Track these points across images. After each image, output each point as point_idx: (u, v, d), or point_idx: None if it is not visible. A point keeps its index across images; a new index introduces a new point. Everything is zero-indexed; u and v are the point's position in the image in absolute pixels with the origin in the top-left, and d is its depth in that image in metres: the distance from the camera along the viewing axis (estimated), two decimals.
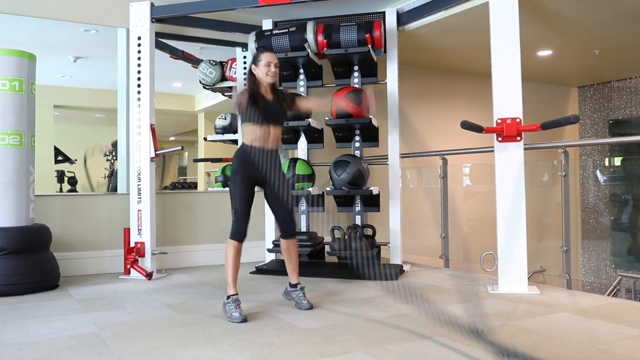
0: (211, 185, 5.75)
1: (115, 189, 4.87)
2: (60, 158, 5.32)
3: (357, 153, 4.64)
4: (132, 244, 4.32)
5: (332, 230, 4.44)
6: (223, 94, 5.30)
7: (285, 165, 4.44)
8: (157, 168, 4.56)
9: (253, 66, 3.11)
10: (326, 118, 4.47)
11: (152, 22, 4.42)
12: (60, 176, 5.27)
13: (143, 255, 4.31)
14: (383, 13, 4.73)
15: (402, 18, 4.78)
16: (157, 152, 4.35)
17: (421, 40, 5.39)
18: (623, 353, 2.27)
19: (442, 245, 4.93)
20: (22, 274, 3.68)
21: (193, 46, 5.21)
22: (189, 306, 3.28)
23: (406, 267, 4.50)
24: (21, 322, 2.91)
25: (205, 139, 5.53)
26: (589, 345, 2.39)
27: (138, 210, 4.35)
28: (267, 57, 3.09)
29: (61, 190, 5.28)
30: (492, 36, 3.63)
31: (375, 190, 4.47)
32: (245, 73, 5.15)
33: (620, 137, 8.21)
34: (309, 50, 4.47)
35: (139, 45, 4.39)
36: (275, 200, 3.19)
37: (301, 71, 4.76)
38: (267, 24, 4.97)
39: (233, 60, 5.23)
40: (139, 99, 4.38)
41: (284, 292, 3.32)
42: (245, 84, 3.24)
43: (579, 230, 6.92)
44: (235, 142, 5.30)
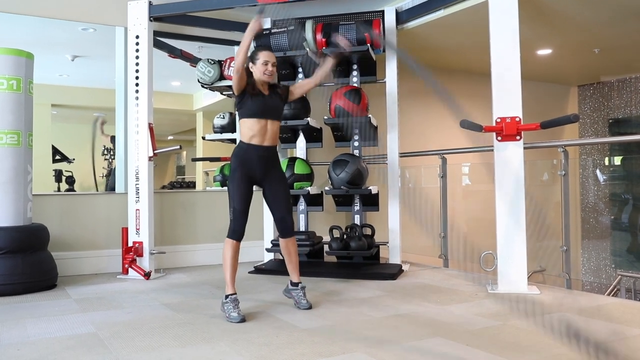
0: (210, 184, 5.74)
1: (113, 189, 4.86)
2: (57, 157, 5.31)
3: (356, 152, 4.63)
4: (130, 244, 4.31)
5: (331, 229, 4.43)
6: (222, 93, 5.28)
7: (284, 164, 4.43)
8: (156, 167, 4.54)
9: (250, 64, 3.09)
10: (325, 117, 4.46)
11: (150, 21, 4.41)
12: (58, 175, 5.26)
13: (141, 254, 4.29)
14: (382, 12, 4.72)
15: (401, 17, 4.77)
16: (156, 152, 4.34)
17: (420, 39, 5.38)
18: (623, 353, 2.26)
19: (442, 244, 4.92)
20: (20, 274, 3.67)
21: (191, 45, 5.20)
22: (187, 306, 3.27)
23: (405, 267, 4.49)
24: (19, 322, 2.90)
25: (203, 138, 5.52)
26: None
27: (136, 209, 4.34)
28: (265, 56, 3.08)
29: (59, 189, 5.27)
30: (492, 35, 3.62)
31: (374, 189, 4.46)
32: None
33: (620, 137, 8.21)
34: (308, 49, 4.46)
35: (137, 44, 4.38)
36: (273, 199, 3.18)
37: (300, 70, 4.75)
38: (266, 23, 4.96)
39: (231, 59, 5.20)
40: (137, 98, 4.37)
41: (285, 290, 3.32)
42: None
43: (579, 229, 6.92)
44: (233, 141, 5.29)
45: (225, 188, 3.15)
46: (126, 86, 4.52)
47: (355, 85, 4.62)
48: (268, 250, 4.60)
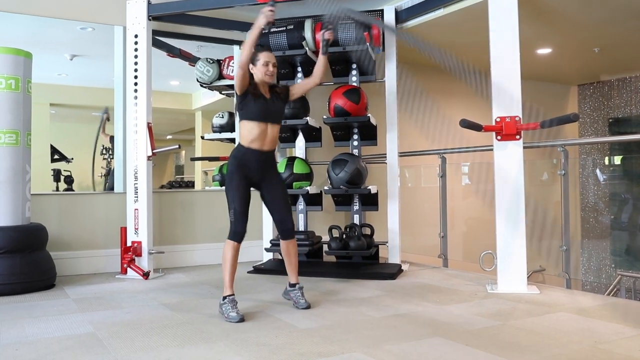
0: (208, 184, 5.74)
1: (112, 188, 4.85)
2: (56, 157, 5.31)
3: (356, 152, 4.62)
4: (129, 243, 4.30)
5: (330, 229, 4.43)
6: (220, 92, 5.27)
7: (282, 164, 4.42)
8: (155, 167, 4.53)
9: (251, 65, 3.08)
10: (324, 117, 4.45)
11: (149, 20, 4.40)
12: (56, 175, 5.26)
13: (140, 254, 4.28)
14: (381, 11, 4.71)
15: (401, 16, 4.76)
16: (154, 151, 4.33)
17: (420, 38, 5.36)
18: (623, 353, 2.26)
19: (441, 244, 4.91)
20: (18, 274, 3.66)
21: (190, 44, 5.19)
22: (186, 306, 3.26)
23: (405, 267, 4.48)
24: (17, 322, 2.89)
25: (202, 138, 5.51)
26: (589, 345, 2.37)
27: (135, 209, 4.33)
28: (266, 57, 3.07)
29: (57, 189, 5.26)
30: (491, 34, 3.61)
31: (373, 189, 4.45)
32: None
33: (620, 136, 8.20)
34: (307, 48, 4.45)
35: (136, 43, 4.36)
36: (272, 201, 3.18)
37: (299, 69, 4.74)
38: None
39: (230, 58, 5.20)
40: (136, 97, 4.35)
41: (284, 292, 3.31)
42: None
43: (579, 229, 6.91)
44: (232, 141, 5.28)
45: (224, 187, 3.14)
46: (125, 85, 4.51)
47: (354, 84, 4.61)
48: (267, 250, 4.59)
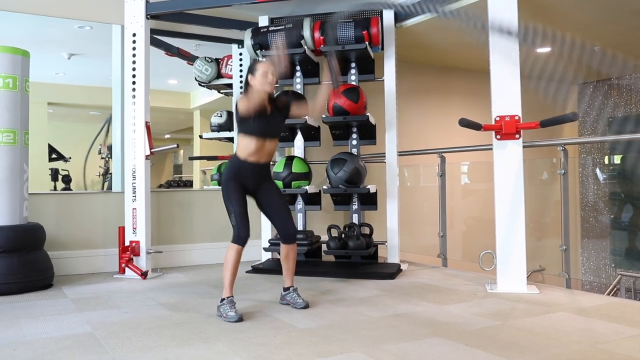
0: (207, 183, 5.72)
1: (111, 188, 4.83)
2: (54, 156, 5.30)
3: (354, 151, 4.61)
4: (127, 243, 4.28)
5: (329, 228, 4.41)
6: (219, 91, 5.26)
7: (281, 163, 4.41)
8: (153, 166, 4.52)
9: (250, 76, 3.07)
10: (323, 115, 4.44)
11: (147, 19, 4.38)
12: (54, 174, 5.25)
13: (138, 254, 4.27)
14: (380, 9, 4.69)
15: (400, 15, 4.74)
16: (153, 150, 4.32)
17: (419, 37, 5.35)
18: (623, 353, 2.25)
19: (440, 244, 4.90)
20: (16, 273, 3.65)
21: (189, 43, 5.18)
22: (185, 306, 3.25)
23: (404, 266, 4.47)
24: (15, 322, 2.88)
25: (200, 137, 5.50)
26: (589, 345, 2.36)
27: (133, 208, 4.31)
28: (264, 67, 3.06)
29: (55, 188, 5.25)
30: (491, 32, 3.59)
31: (372, 188, 4.43)
32: (241, 70, 5.14)
33: (620, 135, 8.18)
34: (306, 47, 4.44)
35: (134, 42, 4.35)
36: (270, 207, 3.19)
37: (298, 68, 4.72)
38: (264, 21, 4.94)
39: (229, 57, 5.20)
40: (134, 97, 4.34)
41: (280, 298, 3.29)
42: (241, 92, 3.20)
43: (579, 229, 6.90)
44: (231, 140, 5.27)
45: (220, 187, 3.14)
46: (123, 84, 4.49)
47: (353, 83, 4.60)
48: (265, 249, 4.58)
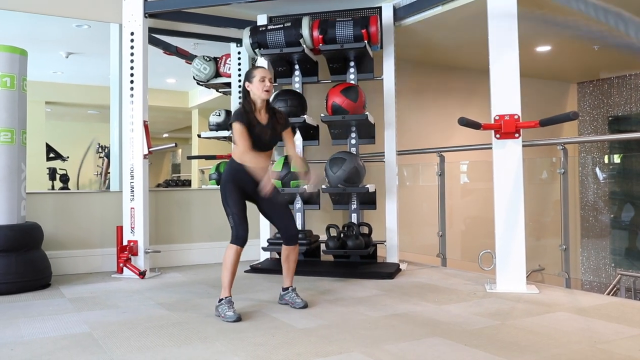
0: (205, 182, 5.70)
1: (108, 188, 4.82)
2: (52, 155, 5.28)
3: (353, 150, 4.60)
4: (125, 243, 4.27)
5: (328, 228, 4.40)
6: (217, 90, 5.25)
7: (280, 162, 4.40)
8: (151, 165, 4.51)
9: (247, 83, 3.06)
10: (322, 115, 4.43)
11: (145, 18, 4.36)
12: (52, 173, 5.23)
13: (136, 253, 4.26)
14: (379, 8, 4.69)
15: (399, 13, 4.74)
16: (151, 149, 4.30)
17: (418, 35, 5.34)
18: (623, 353, 2.24)
19: (440, 243, 4.89)
20: (14, 273, 3.63)
21: (187, 42, 5.17)
22: (183, 305, 3.24)
23: (403, 266, 4.46)
24: (12, 322, 2.87)
25: (199, 136, 5.49)
26: (589, 345, 2.35)
27: (131, 208, 4.30)
28: (261, 73, 3.06)
29: (53, 187, 5.24)
30: (490, 31, 3.58)
31: (371, 187, 4.42)
32: (239, 69, 5.13)
33: (619, 134, 8.19)
34: (305, 45, 4.42)
35: (132, 40, 4.34)
36: (270, 208, 3.18)
37: (296, 67, 4.71)
38: (262, 19, 4.93)
39: (227, 56, 5.18)
40: (132, 96, 4.33)
41: (279, 298, 3.28)
42: (240, 103, 3.18)
43: (578, 228, 6.89)
44: (229, 139, 5.25)
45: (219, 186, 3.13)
46: (121, 83, 4.47)
47: (352, 82, 4.59)
48: (264, 249, 4.57)
